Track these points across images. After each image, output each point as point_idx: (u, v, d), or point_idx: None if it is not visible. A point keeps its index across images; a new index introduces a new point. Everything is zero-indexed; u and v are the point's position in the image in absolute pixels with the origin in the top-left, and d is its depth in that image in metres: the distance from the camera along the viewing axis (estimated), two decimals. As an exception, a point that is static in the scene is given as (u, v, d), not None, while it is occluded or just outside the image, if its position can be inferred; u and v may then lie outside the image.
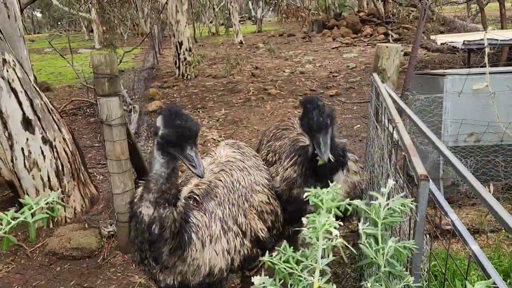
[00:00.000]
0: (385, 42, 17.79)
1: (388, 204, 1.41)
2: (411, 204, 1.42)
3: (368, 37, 19.28)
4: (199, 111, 9.54)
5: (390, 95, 3.17)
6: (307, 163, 2.66)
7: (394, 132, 2.31)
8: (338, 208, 1.37)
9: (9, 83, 4.42)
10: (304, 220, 1.34)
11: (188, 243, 2.15)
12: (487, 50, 3.65)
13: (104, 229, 4.49)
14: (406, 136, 2.01)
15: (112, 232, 4.45)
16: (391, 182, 1.55)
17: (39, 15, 56.88)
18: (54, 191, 4.86)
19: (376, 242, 1.34)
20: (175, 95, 11.24)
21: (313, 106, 2.48)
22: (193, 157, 1.91)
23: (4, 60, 4.38)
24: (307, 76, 12.57)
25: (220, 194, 2.45)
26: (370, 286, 1.28)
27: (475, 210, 4.34)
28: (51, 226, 4.80)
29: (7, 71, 4.40)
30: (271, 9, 24.01)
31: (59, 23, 50.75)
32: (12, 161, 4.66)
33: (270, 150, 3.10)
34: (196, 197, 2.39)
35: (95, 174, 6.16)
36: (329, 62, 14.60)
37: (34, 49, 25.44)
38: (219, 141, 6.46)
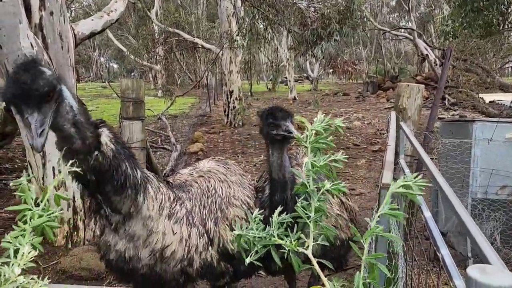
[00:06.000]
0: (441, 106, 17.28)
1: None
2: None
3: (424, 100, 18.85)
4: (238, 156, 9.63)
5: (405, 133, 3.02)
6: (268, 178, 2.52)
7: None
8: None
9: (49, 105, 4.75)
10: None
11: (141, 186, 2.06)
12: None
13: (115, 253, 4.49)
14: (389, 156, 1.89)
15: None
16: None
17: (115, 66, 62.33)
18: (77, 212, 5.04)
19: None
20: (219, 140, 11.49)
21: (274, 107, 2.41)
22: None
23: (48, 84, 4.75)
24: (353, 131, 12.39)
25: (192, 192, 2.42)
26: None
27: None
28: (69, 246, 4.90)
29: (49, 94, 4.75)
30: (319, 64, 24.35)
31: (132, 73, 55.14)
32: (43, 178, 4.90)
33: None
34: (169, 183, 2.41)
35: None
36: (378, 121, 14.35)
37: (103, 94, 27.67)
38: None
